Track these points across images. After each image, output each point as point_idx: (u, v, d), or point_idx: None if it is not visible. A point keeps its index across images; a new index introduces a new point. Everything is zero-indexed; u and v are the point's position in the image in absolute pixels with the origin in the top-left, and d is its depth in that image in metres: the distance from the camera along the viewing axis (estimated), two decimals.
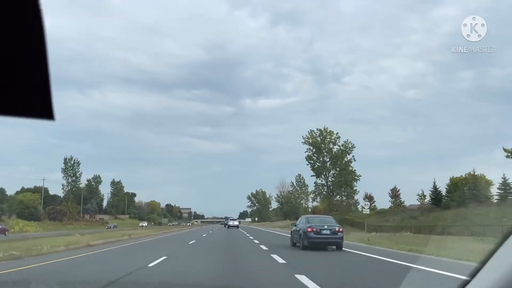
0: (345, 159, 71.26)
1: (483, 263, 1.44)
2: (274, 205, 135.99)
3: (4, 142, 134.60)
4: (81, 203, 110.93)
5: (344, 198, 73.10)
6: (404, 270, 9.48)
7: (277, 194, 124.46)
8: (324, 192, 72.91)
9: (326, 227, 17.24)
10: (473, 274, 1.47)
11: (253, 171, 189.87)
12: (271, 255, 14.11)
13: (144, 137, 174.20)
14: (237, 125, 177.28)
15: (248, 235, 34.93)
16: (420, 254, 14.24)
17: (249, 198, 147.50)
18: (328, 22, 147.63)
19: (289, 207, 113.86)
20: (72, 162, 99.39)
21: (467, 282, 1.49)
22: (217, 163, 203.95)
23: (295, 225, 20.10)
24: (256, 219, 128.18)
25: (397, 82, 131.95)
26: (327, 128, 72.63)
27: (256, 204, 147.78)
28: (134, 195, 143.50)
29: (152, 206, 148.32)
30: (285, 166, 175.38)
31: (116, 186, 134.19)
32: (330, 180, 72.22)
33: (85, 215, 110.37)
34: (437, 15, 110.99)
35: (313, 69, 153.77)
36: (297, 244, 18.41)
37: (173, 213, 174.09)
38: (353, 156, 71.26)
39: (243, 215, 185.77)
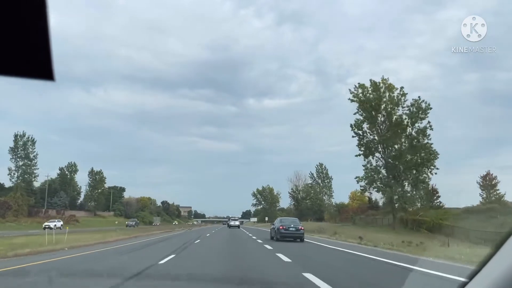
0: (416, 126, 45.80)
1: (482, 265, 1.39)
2: (285, 202, 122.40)
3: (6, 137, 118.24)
4: (45, 195, 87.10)
5: (408, 188, 47.55)
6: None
7: (291, 189, 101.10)
8: (380, 179, 47.20)
9: (292, 226, 23.84)
10: (472, 276, 1.43)
11: (257, 172, 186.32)
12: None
13: (146, 136, 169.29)
14: (241, 125, 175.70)
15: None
16: None
17: (254, 195, 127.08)
18: (333, 23, 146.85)
19: (310, 204, 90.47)
20: (24, 140, 74.18)
21: (465, 284, 1.46)
22: (220, 163, 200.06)
23: (273, 224, 27.56)
24: (267, 219, 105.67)
25: (402, 84, 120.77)
26: (386, 79, 47.12)
27: (263, 202, 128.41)
28: (122, 189, 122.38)
29: (143, 203, 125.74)
30: (289, 167, 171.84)
31: (96, 176, 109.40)
32: (391, 160, 46.52)
33: (49, 210, 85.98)
34: (442, 17, 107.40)
35: (318, 70, 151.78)
36: (274, 238, 24.36)
37: (169, 211, 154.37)
38: (428, 122, 45.66)
39: (246, 215, 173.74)
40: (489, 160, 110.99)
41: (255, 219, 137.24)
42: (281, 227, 23.54)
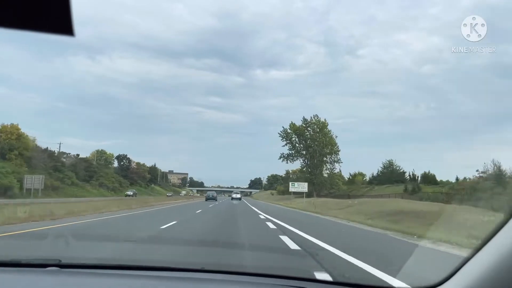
0: None
1: (483, 243, 1.35)
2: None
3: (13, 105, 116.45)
4: None
5: None
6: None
7: None
8: None
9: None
10: (473, 253, 1.39)
11: (261, 143, 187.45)
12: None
13: (151, 105, 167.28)
14: (247, 96, 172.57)
15: None
16: None
17: (285, 136, 65.61)
18: None
19: None
20: None
21: (467, 260, 1.42)
22: (224, 133, 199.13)
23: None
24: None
25: (412, 56, 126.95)
26: None
27: (303, 152, 64.93)
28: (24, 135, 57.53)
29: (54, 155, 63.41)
30: None
31: None
32: None
33: None
34: None
35: (327, 41, 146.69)
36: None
37: (133, 173, 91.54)
38: None
39: (255, 184, 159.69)
40: (499, 135, 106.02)
41: (303, 187, 44.04)
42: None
